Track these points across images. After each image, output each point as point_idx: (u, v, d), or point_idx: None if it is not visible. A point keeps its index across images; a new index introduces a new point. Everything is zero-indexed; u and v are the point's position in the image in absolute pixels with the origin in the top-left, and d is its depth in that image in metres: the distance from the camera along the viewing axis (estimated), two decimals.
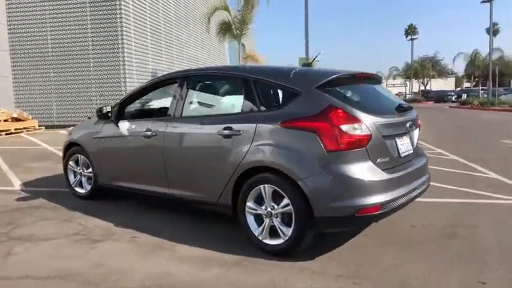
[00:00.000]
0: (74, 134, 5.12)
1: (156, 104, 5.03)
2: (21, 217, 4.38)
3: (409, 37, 76.22)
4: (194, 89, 4.00)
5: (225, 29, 18.89)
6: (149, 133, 4.06)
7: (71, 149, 5.10)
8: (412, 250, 3.38)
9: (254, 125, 3.32)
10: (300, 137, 3.09)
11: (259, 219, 3.38)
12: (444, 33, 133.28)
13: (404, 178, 3.27)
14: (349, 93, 3.32)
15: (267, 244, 3.29)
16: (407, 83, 62.22)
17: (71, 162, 5.12)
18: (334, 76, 3.30)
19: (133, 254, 3.38)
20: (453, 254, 3.30)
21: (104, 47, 14.44)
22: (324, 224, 3.04)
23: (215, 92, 4.17)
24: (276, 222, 3.23)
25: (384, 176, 3.07)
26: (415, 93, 56.31)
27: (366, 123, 3.04)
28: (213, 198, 3.65)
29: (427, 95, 43.70)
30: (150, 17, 16.30)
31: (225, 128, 3.48)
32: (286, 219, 3.21)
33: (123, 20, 14.28)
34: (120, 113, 4.54)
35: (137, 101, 4.68)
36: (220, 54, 26.82)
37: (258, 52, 23.50)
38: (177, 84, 4.11)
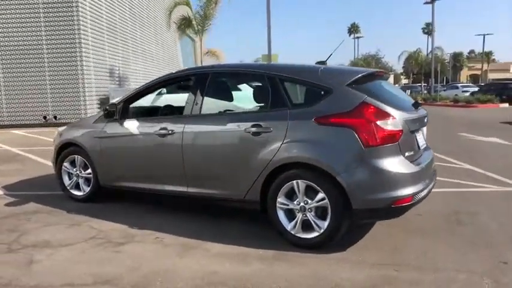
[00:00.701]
0: (68, 134, 4.86)
1: (163, 101, 4.91)
2: (21, 223, 4.11)
3: (352, 35, 79.43)
4: (214, 86, 3.97)
5: (185, 24, 18.57)
6: (164, 131, 3.97)
7: (66, 149, 4.84)
8: (430, 237, 3.62)
9: (286, 122, 3.38)
10: (337, 133, 3.20)
11: (289, 214, 3.45)
12: (390, 32, 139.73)
13: (425, 170, 3.50)
14: (374, 90, 3.47)
15: (300, 238, 3.38)
16: None
17: (65, 164, 4.85)
18: (361, 74, 3.45)
19: (166, 254, 3.32)
20: (467, 238, 3.59)
21: (59, 43, 13.62)
22: (362, 215, 3.19)
23: (237, 89, 4.17)
24: (310, 216, 3.32)
25: (412, 168, 3.26)
26: None
27: (398, 118, 3.22)
28: (239, 195, 3.66)
29: None
30: (106, 12, 15.64)
31: (253, 126, 3.50)
32: (319, 213, 3.31)
33: (80, 15, 13.57)
34: (124, 111, 4.39)
35: (141, 99, 4.55)
36: (173, 50, 26.32)
37: (219, 48, 23.49)
38: (193, 81, 4.06)
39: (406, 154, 3.30)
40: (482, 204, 4.57)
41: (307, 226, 3.36)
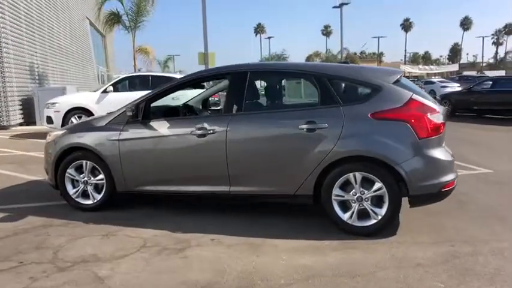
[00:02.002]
0: (71, 138, 4.41)
1: (187, 100, 4.70)
2: (43, 239, 3.67)
3: (258, 35, 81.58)
4: (254, 85, 3.98)
5: (114, 20, 17.43)
6: (203, 131, 3.88)
7: (70, 155, 4.40)
8: (451, 216, 4.11)
9: (341, 118, 3.57)
10: (392, 126, 3.49)
11: (343, 205, 3.66)
12: (295, 33, 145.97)
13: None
14: (410, 87, 3.83)
15: (357, 227, 3.61)
16: None
17: (70, 170, 4.41)
18: (401, 74, 3.80)
19: (239, 254, 3.30)
20: (479, 214, 4.16)
21: None
22: (418, 200, 3.53)
23: (282, 87, 4.22)
24: (367, 205, 3.57)
25: (450, 157, 3.70)
26: None
27: (440, 112, 3.62)
28: (290, 190, 3.76)
29: None
30: (24, 8, 14.03)
31: (307, 122, 3.63)
32: (375, 201, 3.58)
33: None
34: (146, 112, 4.17)
35: (160, 99, 4.35)
36: (86, 46, 24.49)
37: (150, 45, 22.38)
38: (230, 80, 4.02)
39: (443, 144, 3.73)
40: (468, 185, 5.25)
41: (362, 215, 3.60)
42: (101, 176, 4.34)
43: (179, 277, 2.93)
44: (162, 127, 4.10)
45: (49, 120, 10.27)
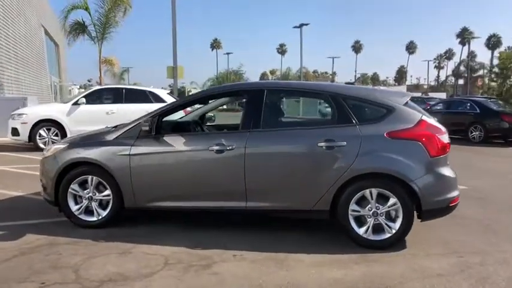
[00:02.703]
0: (75, 152, 4.24)
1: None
2: (56, 258, 3.50)
3: (214, 50, 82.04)
4: (272, 103, 4.09)
5: (78, 29, 16.81)
6: (221, 147, 3.91)
7: (73, 170, 4.23)
8: (448, 230, 4.39)
9: (359, 136, 3.76)
10: (407, 145, 3.73)
11: (357, 219, 3.82)
12: (251, 49, 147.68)
13: None
14: (418, 108, 4.11)
15: (372, 240, 3.78)
16: None
17: (74, 186, 4.23)
18: (411, 96, 4.08)
19: (267, 269, 3.34)
20: (471, 228, 4.49)
21: None
22: (429, 215, 3.77)
23: (298, 106, 4.33)
24: (382, 220, 3.76)
25: (454, 174, 3.99)
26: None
27: (445, 133, 3.92)
28: (307, 206, 3.88)
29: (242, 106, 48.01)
30: None
31: (326, 140, 3.78)
32: (388, 216, 3.77)
33: None
34: (158, 126, 4.13)
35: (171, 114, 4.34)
36: (41, 55, 23.41)
37: (115, 56, 21.65)
38: (247, 97, 4.10)
39: (448, 162, 4.03)
40: None
41: (377, 229, 3.78)
42: (107, 192, 4.21)
43: None
44: (177, 142, 4.08)
45: (14, 132, 9.74)
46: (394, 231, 3.74)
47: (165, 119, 4.38)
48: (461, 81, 75.46)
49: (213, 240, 3.94)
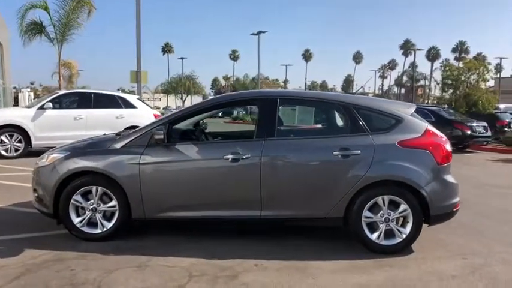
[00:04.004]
0: (77, 162, 4.01)
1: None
2: (71, 274, 3.30)
3: (165, 54, 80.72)
4: (284, 111, 4.12)
5: (35, 30, 15.76)
6: (236, 156, 3.88)
7: (76, 180, 4.01)
8: (444, 233, 4.64)
9: (372, 145, 3.90)
10: (417, 154, 3.92)
11: (369, 226, 3.96)
12: (203, 55, 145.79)
13: None
14: (421, 118, 4.33)
15: (384, 246, 3.92)
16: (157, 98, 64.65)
17: (76, 197, 4.00)
18: (416, 107, 4.29)
19: (294, 278, 3.36)
20: (462, 231, 4.79)
21: None
22: (436, 219, 3.98)
23: (311, 115, 4.38)
24: (393, 225, 3.92)
25: (456, 180, 4.23)
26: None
27: (448, 142, 4.17)
28: (321, 213, 3.95)
29: None
30: None
31: (341, 149, 3.89)
32: (399, 222, 3.94)
33: None
34: (169, 134, 4.03)
35: (185, 122, 4.24)
36: None
37: (74, 59, 20.34)
38: (260, 105, 4.11)
39: (450, 170, 4.28)
40: None
41: (388, 234, 3.94)
42: (113, 203, 4.03)
43: None
44: (190, 151, 3.99)
45: None
46: (404, 236, 3.91)
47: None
48: (402, 91, 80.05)
49: (227, 250, 3.89)
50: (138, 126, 10.03)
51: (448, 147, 4.09)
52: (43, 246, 3.88)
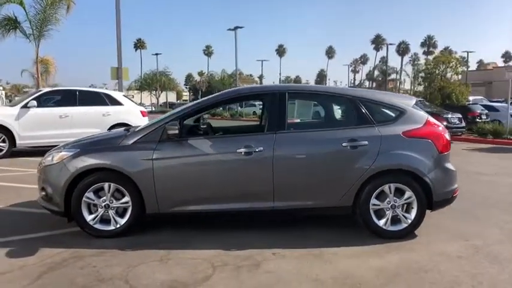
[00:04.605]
0: (91, 158, 4.00)
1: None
2: (95, 271, 3.33)
3: (138, 50, 79.32)
4: (299, 104, 4.25)
5: (9, 26, 15.13)
6: (249, 150, 3.98)
7: (88, 176, 4.00)
8: (441, 217, 4.89)
9: (379, 136, 4.08)
10: (420, 143, 4.13)
11: (376, 213, 4.14)
12: (177, 50, 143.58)
13: None
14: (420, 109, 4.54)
15: (391, 231, 4.12)
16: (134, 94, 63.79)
17: (88, 194, 4.00)
18: (416, 99, 4.50)
19: (314, 264, 3.50)
20: (457, 214, 5.06)
21: None
22: (438, 205, 4.20)
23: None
24: (399, 212, 4.12)
25: (455, 168, 4.47)
26: (161, 105, 58.53)
27: (447, 131, 4.40)
28: (331, 203, 4.11)
29: (173, 107, 46.97)
30: None
31: (350, 140, 4.05)
32: (404, 208, 4.14)
33: None
34: (182, 130, 4.08)
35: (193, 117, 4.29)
36: None
37: (52, 56, 19.54)
38: (269, 99, 4.21)
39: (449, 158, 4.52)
40: None
41: (395, 221, 4.14)
42: (126, 199, 4.05)
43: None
44: (203, 145, 4.06)
45: None
46: (410, 222, 4.12)
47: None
48: (374, 84, 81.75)
49: (242, 241, 3.99)
50: (125, 124, 10.21)
51: (447, 136, 4.33)
52: (57, 245, 3.87)
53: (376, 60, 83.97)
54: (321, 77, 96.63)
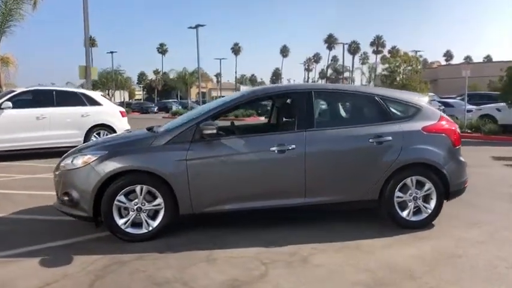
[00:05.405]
0: (123, 160, 3.90)
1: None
2: (147, 276, 3.26)
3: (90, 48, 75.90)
4: (319, 103, 4.36)
5: None
6: (282, 148, 4.06)
7: (119, 179, 3.88)
8: (447, 207, 5.25)
9: (401, 132, 4.30)
10: (438, 138, 4.40)
11: (399, 205, 4.36)
12: (128, 48, 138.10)
13: None
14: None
15: (414, 221, 4.35)
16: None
17: (120, 198, 3.89)
18: (429, 97, 4.78)
19: (357, 256, 3.65)
20: (459, 203, 5.40)
21: None
22: (453, 195, 4.50)
23: (345, 105, 4.63)
24: (420, 203, 4.37)
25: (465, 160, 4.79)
26: (120, 104, 56.34)
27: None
28: (359, 197, 4.29)
29: (131, 107, 45.74)
30: None
31: (376, 136, 4.24)
32: (425, 199, 4.39)
33: None
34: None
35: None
36: None
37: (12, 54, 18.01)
38: (295, 98, 4.31)
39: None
40: None
41: (416, 211, 4.38)
42: (159, 201, 3.98)
43: (346, 280, 3.17)
44: (236, 144, 4.08)
45: None
46: (429, 212, 4.38)
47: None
48: (327, 82, 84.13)
49: (276, 238, 4.05)
50: (105, 125, 9.85)
51: (458, 130, 4.64)
52: (88, 252, 3.73)
53: (329, 59, 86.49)
54: (276, 75, 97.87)
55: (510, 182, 6.89)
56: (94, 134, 9.72)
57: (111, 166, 3.89)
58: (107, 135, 9.83)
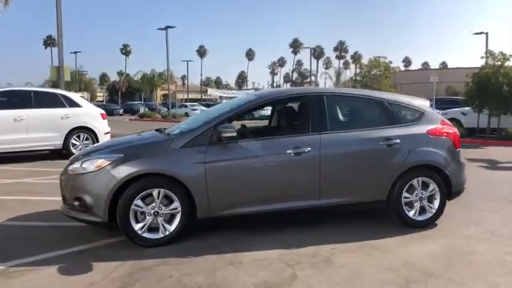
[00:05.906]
0: (139, 163, 3.81)
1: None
2: (177, 281, 3.21)
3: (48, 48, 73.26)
4: (332, 107, 4.45)
5: None
6: (298, 150, 4.11)
7: (135, 184, 3.79)
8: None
9: (409, 135, 4.47)
10: (441, 141, 4.60)
11: (406, 205, 4.52)
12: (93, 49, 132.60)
13: None
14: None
15: (419, 221, 4.53)
16: None
17: (137, 202, 3.79)
18: (430, 101, 5.00)
19: (377, 255, 3.76)
20: (453, 202, 5.68)
21: None
22: (454, 195, 4.72)
23: (356, 109, 4.74)
24: (425, 203, 4.55)
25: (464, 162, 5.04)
26: None
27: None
28: (369, 198, 4.42)
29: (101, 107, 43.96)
30: None
31: (385, 139, 4.38)
32: (429, 199, 4.58)
33: None
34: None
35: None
36: None
37: None
38: (309, 102, 4.38)
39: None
40: None
41: (421, 211, 4.56)
42: (176, 204, 3.92)
43: (375, 279, 3.26)
44: (253, 147, 4.10)
45: None
46: (434, 211, 4.57)
47: None
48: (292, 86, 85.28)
49: (293, 239, 4.09)
50: (86, 127, 9.53)
51: (458, 133, 4.88)
52: (107, 258, 3.62)
53: (294, 63, 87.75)
54: (242, 78, 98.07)
55: (492, 183, 7.29)
56: (74, 136, 9.38)
57: (129, 170, 3.80)
58: (87, 138, 9.57)
